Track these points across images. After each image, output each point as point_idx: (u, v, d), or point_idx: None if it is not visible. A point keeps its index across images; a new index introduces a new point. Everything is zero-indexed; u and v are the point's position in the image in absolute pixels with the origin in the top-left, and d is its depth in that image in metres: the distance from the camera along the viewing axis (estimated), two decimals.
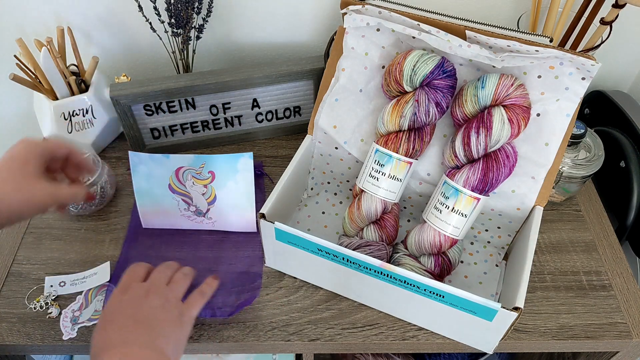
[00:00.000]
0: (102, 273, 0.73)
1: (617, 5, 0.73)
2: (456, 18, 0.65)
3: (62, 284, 0.72)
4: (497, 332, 0.61)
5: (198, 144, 0.89)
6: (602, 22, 0.75)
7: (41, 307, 0.69)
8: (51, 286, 0.72)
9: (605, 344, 0.68)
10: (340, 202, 0.82)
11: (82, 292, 0.71)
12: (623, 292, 0.71)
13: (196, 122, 0.87)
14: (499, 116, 0.62)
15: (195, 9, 0.82)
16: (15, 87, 0.81)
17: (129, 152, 0.72)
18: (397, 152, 0.66)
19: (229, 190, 0.74)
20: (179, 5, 0.80)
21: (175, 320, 0.57)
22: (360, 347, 0.68)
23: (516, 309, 0.56)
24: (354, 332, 0.67)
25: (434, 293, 0.60)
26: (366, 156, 0.70)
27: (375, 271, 0.61)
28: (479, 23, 0.64)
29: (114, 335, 0.54)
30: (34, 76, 0.81)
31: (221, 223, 0.77)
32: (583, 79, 0.62)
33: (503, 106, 0.63)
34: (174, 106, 0.83)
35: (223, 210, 0.76)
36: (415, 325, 0.68)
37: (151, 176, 0.74)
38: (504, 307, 0.56)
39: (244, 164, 0.72)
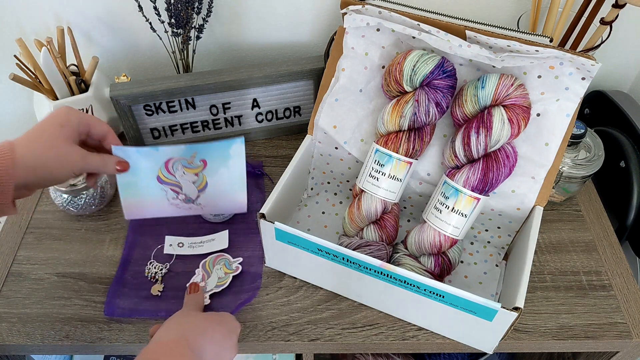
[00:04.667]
0: (219, 239, 0.77)
1: (617, 5, 0.73)
2: (456, 18, 0.65)
3: (180, 244, 0.76)
4: (497, 332, 0.61)
5: None
6: (602, 22, 0.75)
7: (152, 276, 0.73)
8: (170, 245, 0.75)
9: (605, 344, 0.68)
10: (340, 202, 0.82)
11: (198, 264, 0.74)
12: (623, 292, 0.71)
13: (196, 122, 0.87)
14: (499, 116, 0.62)
15: (195, 9, 0.82)
16: (15, 87, 0.81)
17: (112, 146, 0.66)
18: (397, 152, 0.66)
19: (220, 177, 0.70)
20: (179, 5, 0.80)
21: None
22: (360, 347, 0.68)
23: (516, 309, 0.56)
24: (354, 332, 0.67)
25: (434, 293, 0.60)
26: (366, 156, 0.70)
27: (375, 271, 0.61)
28: (479, 23, 0.64)
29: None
30: (34, 76, 0.81)
31: (210, 208, 0.73)
32: (583, 79, 0.62)
33: (503, 106, 0.63)
34: (174, 106, 0.83)
35: (213, 196, 0.72)
36: (415, 325, 0.68)
37: (138, 169, 0.68)
38: (504, 307, 0.56)
39: (236, 149, 0.70)
